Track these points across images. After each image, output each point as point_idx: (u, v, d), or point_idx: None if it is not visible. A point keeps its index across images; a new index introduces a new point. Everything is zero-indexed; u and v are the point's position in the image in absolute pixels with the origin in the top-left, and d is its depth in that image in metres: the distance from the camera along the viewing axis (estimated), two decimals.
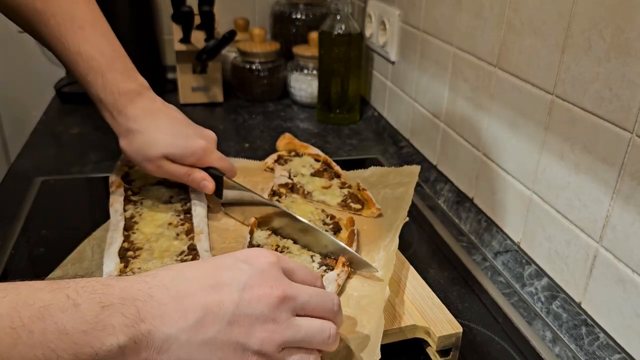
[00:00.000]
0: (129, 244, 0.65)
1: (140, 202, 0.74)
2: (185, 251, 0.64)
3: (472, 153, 0.81)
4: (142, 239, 0.66)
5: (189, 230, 0.68)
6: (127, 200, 0.74)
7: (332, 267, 0.62)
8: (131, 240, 0.66)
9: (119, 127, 0.70)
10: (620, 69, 0.53)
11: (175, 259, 0.63)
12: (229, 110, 1.22)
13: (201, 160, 0.71)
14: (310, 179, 0.83)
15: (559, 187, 0.63)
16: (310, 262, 0.63)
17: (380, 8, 1.09)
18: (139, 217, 0.71)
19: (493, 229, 0.76)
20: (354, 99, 1.16)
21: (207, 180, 0.72)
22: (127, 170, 0.82)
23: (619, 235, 0.55)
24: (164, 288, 0.41)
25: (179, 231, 0.68)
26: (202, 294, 0.42)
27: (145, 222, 0.70)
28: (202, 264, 0.46)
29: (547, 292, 0.65)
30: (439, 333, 0.55)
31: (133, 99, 0.69)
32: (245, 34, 1.31)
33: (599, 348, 0.57)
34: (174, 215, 0.72)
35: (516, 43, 0.69)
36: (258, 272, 0.44)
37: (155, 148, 0.68)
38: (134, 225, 0.69)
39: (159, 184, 0.79)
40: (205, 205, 0.74)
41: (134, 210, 0.72)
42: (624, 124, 0.53)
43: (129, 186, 0.78)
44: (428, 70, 0.93)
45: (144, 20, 1.24)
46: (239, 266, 0.45)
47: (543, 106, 0.65)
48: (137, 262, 0.62)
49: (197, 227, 0.68)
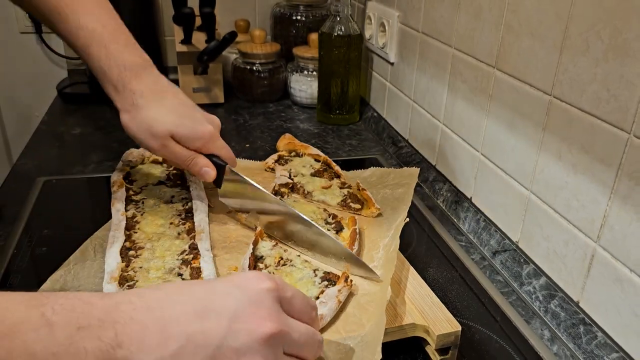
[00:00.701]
0: (130, 243, 0.65)
1: (141, 201, 0.75)
2: (186, 250, 0.65)
3: (470, 153, 0.82)
4: (143, 238, 0.67)
5: (190, 230, 0.69)
6: (128, 200, 0.75)
7: (335, 282, 0.61)
8: (133, 240, 0.66)
9: (123, 102, 0.67)
10: (618, 70, 0.54)
11: (176, 257, 0.63)
12: (229, 110, 1.23)
13: (206, 146, 0.69)
14: (310, 179, 0.83)
15: (557, 187, 0.64)
16: (312, 276, 0.62)
17: (380, 10, 1.10)
18: (141, 217, 0.71)
19: (491, 228, 0.76)
20: (354, 99, 1.17)
21: (209, 167, 0.69)
22: (129, 170, 0.82)
23: (617, 235, 0.55)
24: (147, 310, 0.38)
25: (180, 230, 0.69)
26: (186, 321, 0.39)
27: (147, 222, 0.70)
28: (192, 286, 0.42)
29: (545, 291, 0.65)
30: (438, 332, 0.56)
31: (139, 73, 0.67)
32: (245, 35, 1.32)
33: (597, 347, 0.58)
34: (175, 214, 0.72)
35: (514, 44, 0.69)
36: (251, 301, 0.41)
37: (162, 125, 0.66)
38: (135, 225, 0.69)
39: (160, 184, 0.79)
40: (206, 205, 0.74)
41: (136, 210, 0.73)
42: (622, 124, 0.54)
43: (131, 186, 0.78)
44: (427, 71, 0.93)
45: (145, 21, 1.25)
46: (232, 292, 0.41)
47: (541, 107, 0.65)
48: (139, 261, 0.62)
49: (198, 227, 0.69)
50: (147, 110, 0.66)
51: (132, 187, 0.78)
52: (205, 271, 0.60)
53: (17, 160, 0.96)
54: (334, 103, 1.16)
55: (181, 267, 0.62)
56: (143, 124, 0.66)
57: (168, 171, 0.83)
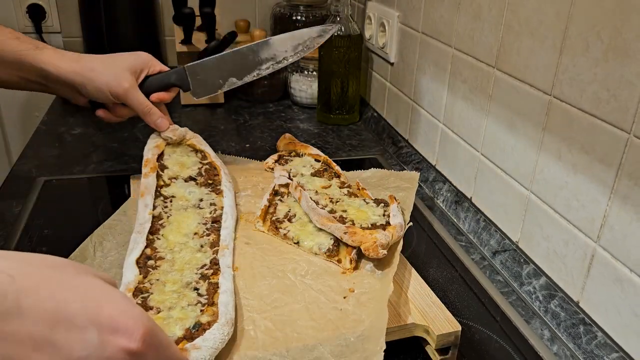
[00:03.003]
0: (151, 250, 0.63)
1: (170, 199, 0.72)
2: (207, 265, 0.62)
3: (470, 153, 0.82)
4: (165, 247, 0.64)
5: (214, 243, 0.66)
6: (157, 193, 0.72)
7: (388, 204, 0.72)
8: (154, 247, 0.64)
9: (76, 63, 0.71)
10: (618, 70, 0.54)
11: (195, 272, 0.61)
12: (230, 111, 1.23)
13: (154, 66, 0.76)
14: (310, 178, 0.83)
15: (557, 187, 0.64)
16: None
17: (380, 10, 1.10)
18: (167, 221, 0.69)
19: (491, 228, 0.76)
20: (354, 99, 1.17)
21: (163, 118, 0.76)
22: (164, 150, 0.79)
23: (617, 235, 0.55)
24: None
25: (203, 242, 0.66)
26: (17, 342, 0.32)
27: (172, 228, 0.68)
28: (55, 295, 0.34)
29: (545, 291, 0.65)
30: (438, 331, 0.56)
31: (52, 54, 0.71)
32: (245, 35, 1.32)
33: (597, 347, 0.58)
34: (200, 224, 0.69)
35: (514, 44, 0.70)
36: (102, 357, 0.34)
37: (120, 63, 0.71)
38: (159, 230, 0.67)
39: (190, 180, 0.76)
40: (234, 218, 0.72)
41: (163, 210, 0.70)
42: (622, 124, 0.54)
43: (162, 173, 0.76)
44: (427, 71, 0.93)
45: (146, 21, 1.25)
46: (87, 334, 0.34)
47: (541, 107, 0.65)
48: (157, 273, 0.60)
49: (223, 241, 0.66)
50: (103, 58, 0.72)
51: (162, 174, 0.76)
52: (222, 286, 0.58)
53: (17, 160, 0.96)
54: (334, 103, 1.16)
55: (198, 282, 0.59)
56: (114, 64, 0.72)
57: (201, 164, 0.80)
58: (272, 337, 0.54)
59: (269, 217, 0.74)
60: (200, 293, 0.57)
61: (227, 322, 0.52)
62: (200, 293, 0.57)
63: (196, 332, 0.51)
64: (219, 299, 0.56)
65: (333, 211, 0.72)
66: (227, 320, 0.52)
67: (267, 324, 0.56)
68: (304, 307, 0.58)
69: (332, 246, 0.67)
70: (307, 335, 0.54)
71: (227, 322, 0.52)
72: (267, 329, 0.55)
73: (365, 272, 0.64)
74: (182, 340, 0.51)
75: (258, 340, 0.54)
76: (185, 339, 0.51)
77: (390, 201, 0.73)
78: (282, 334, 0.54)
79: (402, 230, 0.67)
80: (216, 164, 0.80)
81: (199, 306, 0.55)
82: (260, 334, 0.54)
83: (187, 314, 0.54)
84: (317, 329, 0.55)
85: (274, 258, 0.67)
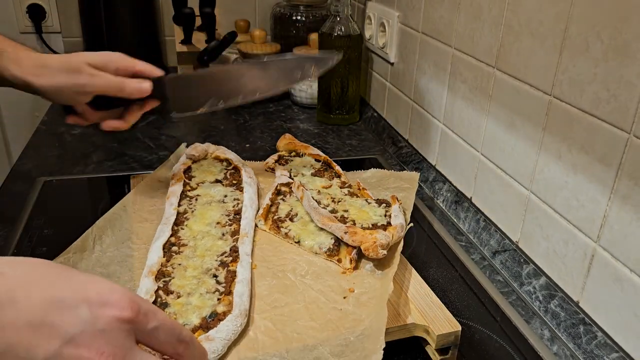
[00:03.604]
0: (176, 239, 0.67)
1: (195, 198, 0.75)
2: (226, 252, 0.65)
3: (470, 153, 0.82)
4: (188, 236, 0.68)
5: (234, 232, 0.69)
6: (183, 195, 0.75)
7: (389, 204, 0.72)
8: (178, 236, 0.67)
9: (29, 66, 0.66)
10: (617, 70, 0.54)
11: (215, 258, 0.64)
12: (229, 110, 1.22)
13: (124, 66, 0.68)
14: (310, 178, 0.83)
15: (556, 187, 0.64)
16: None
17: (380, 10, 1.10)
18: (191, 214, 0.72)
19: (491, 228, 0.76)
20: (354, 99, 1.17)
21: (140, 82, 0.68)
22: (190, 165, 0.83)
23: (617, 235, 0.55)
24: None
25: (225, 231, 0.69)
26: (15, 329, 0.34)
27: (196, 219, 0.71)
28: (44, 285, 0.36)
29: (545, 291, 0.65)
30: (438, 331, 0.56)
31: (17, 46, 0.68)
32: (246, 35, 1.32)
33: (597, 347, 0.58)
34: (224, 214, 0.72)
35: (514, 44, 0.70)
36: (97, 329, 0.35)
37: (76, 57, 0.67)
38: (184, 221, 0.70)
39: (216, 182, 0.79)
40: (255, 210, 0.74)
41: (188, 206, 0.73)
42: (622, 124, 0.54)
43: (189, 181, 0.79)
44: (427, 71, 0.93)
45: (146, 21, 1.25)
46: (80, 310, 0.35)
47: (541, 107, 0.65)
48: (179, 258, 0.63)
49: (243, 230, 0.69)
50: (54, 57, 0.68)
51: (189, 182, 0.79)
52: (239, 275, 0.60)
53: (17, 160, 0.96)
54: (334, 103, 1.16)
55: (217, 269, 0.62)
56: (62, 66, 0.66)
57: (227, 170, 0.83)
58: (272, 337, 0.54)
59: (271, 216, 0.74)
60: (218, 281, 0.60)
61: (240, 314, 0.54)
62: (218, 281, 0.60)
63: (212, 322, 0.54)
64: (235, 288, 0.58)
65: (335, 211, 0.72)
66: (240, 311, 0.55)
67: (267, 324, 0.56)
68: (303, 307, 0.58)
69: (333, 246, 0.67)
70: (307, 335, 0.54)
71: (240, 314, 0.54)
72: (267, 329, 0.55)
73: (365, 272, 0.64)
74: (199, 329, 0.53)
75: (258, 341, 0.54)
76: (202, 328, 0.53)
77: (393, 202, 0.73)
78: (282, 334, 0.55)
79: (402, 231, 0.67)
80: (238, 165, 0.83)
81: (216, 294, 0.58)
82: (260, 335, 0.55)
83: (205, 302, 0.56)
84: (317, 329, 0.55)
85: (274, 258, 0.67)
